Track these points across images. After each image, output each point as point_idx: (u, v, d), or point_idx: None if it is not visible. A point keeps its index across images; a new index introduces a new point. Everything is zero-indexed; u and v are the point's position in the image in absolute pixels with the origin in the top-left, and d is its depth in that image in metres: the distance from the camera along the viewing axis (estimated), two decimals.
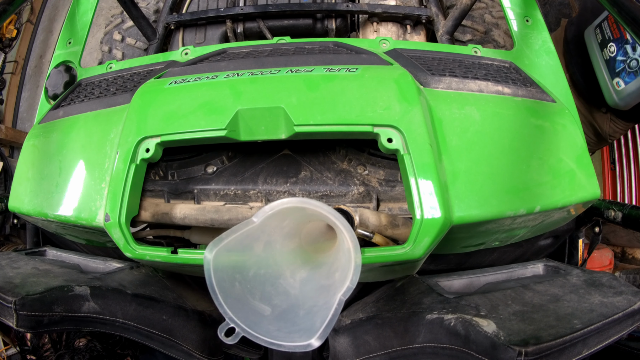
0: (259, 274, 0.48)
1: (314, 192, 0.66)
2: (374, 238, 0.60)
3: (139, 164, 0.63)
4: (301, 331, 0.41)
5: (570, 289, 0.56)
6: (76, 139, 0.74)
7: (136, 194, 0.64)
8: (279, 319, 0.45)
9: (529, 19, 0.89)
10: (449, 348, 0.51)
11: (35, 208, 0.73)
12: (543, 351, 0.43)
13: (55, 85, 0.92)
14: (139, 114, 0.67)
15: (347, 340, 0.61)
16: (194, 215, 0.64)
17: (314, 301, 0.46)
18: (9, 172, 1.93)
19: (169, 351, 0.65)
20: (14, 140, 2.15)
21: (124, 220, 0.61)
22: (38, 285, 0.58)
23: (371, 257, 0.55)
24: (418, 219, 0.54)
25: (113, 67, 0.92)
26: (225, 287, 0.43)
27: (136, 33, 1.39)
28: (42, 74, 2.41)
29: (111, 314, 0.61)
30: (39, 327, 0.56)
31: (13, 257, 0.74)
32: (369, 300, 0.66)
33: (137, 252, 0.62)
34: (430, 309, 0.55)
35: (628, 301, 0.50)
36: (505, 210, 0.59)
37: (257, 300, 0.46)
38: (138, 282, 0.67)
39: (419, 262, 0.60)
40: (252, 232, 0.45)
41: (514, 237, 0.71)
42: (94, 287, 0.60)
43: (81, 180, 0.70)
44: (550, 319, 0.48)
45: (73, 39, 1.00)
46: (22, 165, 0.79)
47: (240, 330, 0.40)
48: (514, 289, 0.57)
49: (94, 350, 0.87)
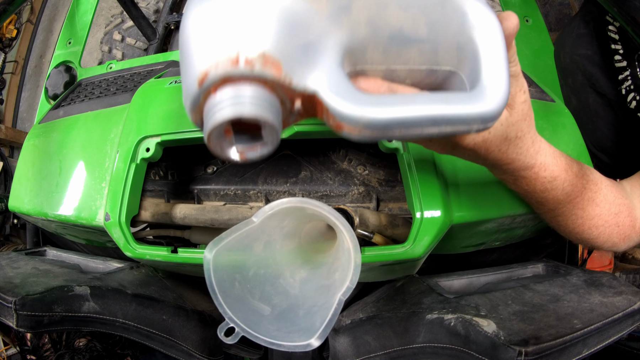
0: (258, 273, 0.48)
1: (314, 192, 0.66)
2: (374, 238, 0.60)
3: (139, 164, 0.63)
4: (301, 331, 0.41)
5: (570, 289, 0.56)
6: (76, 138, 0.74)
7: (136, 193, 0.64)
8: (278, 318, 0.45)
9: (528, 19, 0.90)
10: (449, 348, 0.51)
11: (35, 207, 0.73)
12: (543, 351, 0.43)
13: (55, 85, 0.92)
14: (139, 114, 0.67)
15: (347, 340, 0.61)
16: (194, 215, 0.64)
17: (314, 301, 0.46)
18: (9, 172, 1.93)
19: (169, 351, 0.65)
20: (14, 140, 2.15)
21: (124, 220, 0.61)
22: (38, 285, 0.58)
23: (371, 256, 0.56)
24: (418, 218, 0.54)
25: (113, 67, 0.92)
26: (225, 287, 0.43)
27: (136, 33, 1.39)
28: (42, 74, 2.41)
29: (111, 314, 0.61)
30: (39, 327, 0.55)
31: (13, 257, 0.74)
32: (369, 300, 0.66)
33: (137, 252, 0.62)
34: (430, 309, 0.55)
35: (628, 301, 0.50)
36: (505, 210, 0.60)
37: (257, 300, 0.46)
38: (138, 282, 0.67)
39: (419, 262, 0.60)
40: (252, 232, 0.45)
41: (514, 237, 0.71)
42: (94, 287, 0.60)
43: (81, 179, 0.70)
44: (550, 318, 0.48)
45: (73, 39, 1.00)
46: (22, 164, 0.79)
47: (240, 330, 0.40)
48: (514, 289, 0.57)
49: (94, 350, 0.87)
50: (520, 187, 0.49)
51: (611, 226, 0.53)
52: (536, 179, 0.46)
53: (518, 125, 0.40)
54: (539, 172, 0.46)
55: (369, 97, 0.28)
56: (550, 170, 0.46)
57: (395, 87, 0.32)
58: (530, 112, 0.41)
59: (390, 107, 0.28)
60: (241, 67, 0.26)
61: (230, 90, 0.26)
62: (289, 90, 0.28)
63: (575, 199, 0.50)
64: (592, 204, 0.51)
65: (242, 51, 0.26)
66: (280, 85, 0.27)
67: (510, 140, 0.41)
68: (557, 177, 0.47)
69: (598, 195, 0.51)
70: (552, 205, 0.50)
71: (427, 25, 0.29)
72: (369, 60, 0.31)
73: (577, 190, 0.49)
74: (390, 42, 0.30)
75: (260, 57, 0.26)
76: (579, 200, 0.50)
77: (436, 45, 0.31)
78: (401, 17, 0.29)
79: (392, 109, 0.28)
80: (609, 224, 0.53)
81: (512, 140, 0.41)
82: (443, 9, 0.29)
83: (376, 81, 0.32)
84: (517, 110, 0.40)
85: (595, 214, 0.52)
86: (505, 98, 0.30)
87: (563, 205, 0.50)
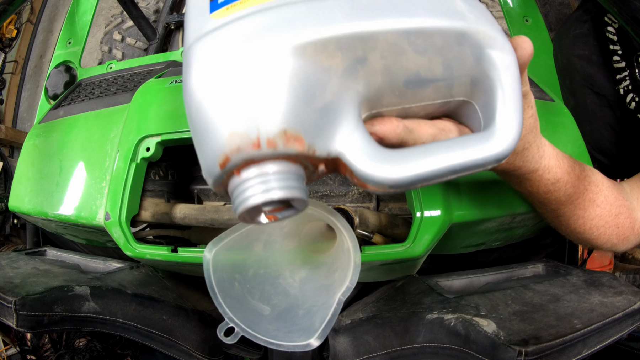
0: (258, 273, 0.48)
1: (314, 192, 0.66)
2: (374, 238, 0.60)
3: (140, 163, 0.63)
4: (300, 331, 0.41)
5: (570, 288, 0.56)
6: (76, 138, 0.74)
7: (136, 192, 0.64)
8: (278, 318, 0.45)
9: (528, 18, 0.90)
10: (449, 348, 0.51)
11: (35, 207, 0.73)
12: (543, 351, 0.43)
13: (55, 85, 0.92)
14: (140, 113, 0.67)
15: (347, 340, 0.61)
16: (194, 215, 0.64)
17: (313, 301, 0.46)
18: (9, 172, 1.93)
19: (169, 351, 0.65)
20: (14, 140, 2.15)
21: (124, 219, 0.61)
22: (38, 285, 0.58)
23: (371, 254, 0.56)
24: (418, 217, 0.54)
25: (113, 67, 0.92)
26: (225, 286, 0.43)
27: (136, 33, 1.39)
28: (42, 74, 2.41)
29: (111, 314, 0.61)
30: (39, 327, 0.55)
31: (13, 257, 0.74)
32: (369, 300, 0.66)
33: (137, 251, 0.62)
34: (430, 308, 0.55)
35: (628, 301, 0.50)
36: (506, 209, 0.60)
37: (257, 300, 0.46)
38: (138, 282, 0.67)
39: (419, 261, 0.60)
40: (252, 231, 0.45)
41: (514, 237, 0.71)
42: (94, 287, 0.60)
43: (81, 179, 0.70)
44: (550, 318, 0.48)
45: (73, 39, 1.00)
46: (22, 164, 0.79)
47: (240, 330, 0.40)
48: (514, 289, 0.57)
49: (94, 350, 0.87)
50: (523, 188, 0.49)
51: (611, 227, 0.53)
52: (540, 180, 0.47)
53: (525, 139, 0.41)
54: (543, 175, 0.46)
55: (390, 156, 0.27)
56: (554, 172, 0.46)
57: (411, 125, 0.32)
58: (537, 123, 0.42)
59: (412, 164, 0.27)
60: (264, 150, 0.25)
61: (255, 170, 0.26)
62: (312, 158, 0.27)
63: (577, 200, 0.50)
64: (593, 205, 0.51)
65: (262, 132, 0.24)
66: (304, 156, 0.27)
67: (517, 153, 0.42)
68: (560, 179, 0.47)
69: (599, 196, 0.52)
70: (554, 205, 0.51)
71: (444, 65, 0.29)
72: (385, 104, 0.30)
73: (579, 191, 0.49)
74: (406, 86, 0.29)
75: (282, 135, 0.25)
76: (580, 201, 0.50)
77: (452, 81, 0.30)
78: (417, 61, 0.28)
79: (414, 165, 0.27)
80: (609, 225, 0.53)
81: (519, 152, 0.42)
82: (460, 45, 0.28)
83: (392, 122, 0.31)
84: (525, 126, 0.40)
85: (596, 215, 0.52)
86: (518, 137, 0.30)
87: (565, 205, 0.50)
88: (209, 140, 0.26)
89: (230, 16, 0.27)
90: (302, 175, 0.28)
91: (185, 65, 0.27)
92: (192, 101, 0.26)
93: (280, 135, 0.25)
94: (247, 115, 0.25)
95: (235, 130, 0.25)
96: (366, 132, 0.28)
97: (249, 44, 0.25)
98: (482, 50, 0.29)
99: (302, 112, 0.26)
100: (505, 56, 0.29)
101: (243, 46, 0.25)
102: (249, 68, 0.25)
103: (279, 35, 0.25)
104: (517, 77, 0.30)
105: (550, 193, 0.48)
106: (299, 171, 0.27)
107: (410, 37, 0.27)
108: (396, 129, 0.31)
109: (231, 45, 0.25)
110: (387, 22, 0.26)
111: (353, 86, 0.27)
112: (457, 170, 0.28)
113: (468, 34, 0.28)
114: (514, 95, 0.30)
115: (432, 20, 0.27)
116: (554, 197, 0.49)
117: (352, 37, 0.26)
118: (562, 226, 0.55)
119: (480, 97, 0.31)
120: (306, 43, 0.25)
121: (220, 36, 0.26)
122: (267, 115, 0.25)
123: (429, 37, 0.27)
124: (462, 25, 0.28)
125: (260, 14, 0.26)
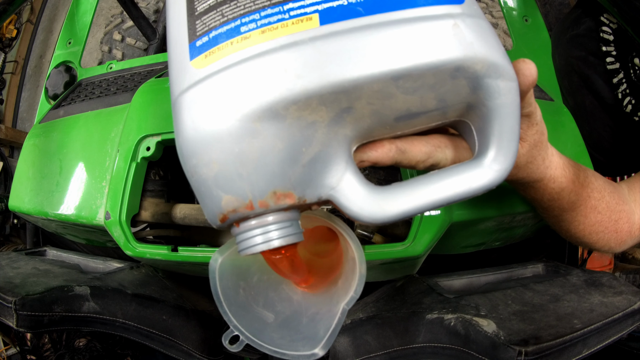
0: (262, 279, 0.48)
1: None
2: (374, 238, 0.60)
3: (140, 163, 0.63)
4: (305, 339, 0.40)
5: (570, 288, 0.56)
6: (77, 138, 0.74)
7: (137, 192, 0.64)
8: (282, 326, 0.44)
9: (528, 18, 0.90)
10: (449, 348, 0.51)
11: (35, 207, 0.73)
12: (543, 351, 0.43)
13: (55, 85, 0.92)
14: (140, 113, 0.67)
15: (347, 340, 0.61)
16: (194, 215, 0.64)
17: (317, 308, 0.46)
18: (9, 172, 1.93)
19: (169, 351, 0.65)
20: (14, 140, 2.15)
21: (124, 218, 0.61)
22: (38, 285, 0.58)
23: (371, 253, 0.56)
24: (417, 216, 0.54)
25: (113, 67, 0.92)
26: (230, 294, 0.42)
27: (136, 33, 1.39)
28: (42, 74, 2.41)
29: (111, 314, 0.61)
30: (39, 327, 0.55)
31: (13, 257, 0.74)
32: (369, 300, 0.66)
33: (137, 250, 0.62)
34: (430, 308, 0.55)
35: (628, 301, 0.50)
36: (505, 208, 0.60)
37: (261, 307, 0.45)
38: (138, 282, 0.67)
39: (419, 260, 0.60)
40: None
41: (514, 237, 0.71)
42: (94, 287, 0.60)
43: (82, 179, 0.70)
44: (550, 318, 0.48)
45: (73, 39, 1.00)
46: (23, 164, 0.79)
47: (245, 339, 0.40)
48: (514, 289, 0.57)
49: (94, 350, 0.87)
50: (528, 195, 0.49)
51: (610, 232, 0.54)
52: (544, 189, 0.47)
53: (529, 154, 0.41)
54: (548, 184, 0.46)
55: (380, 194, 0.28)
56: (559, 182, 0.46)
57: (403, 146, 0.31)
58: (542, 137, 0.41)
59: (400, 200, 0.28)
60: (257, 210, 0.27)
61: (254, 222, 0.28)
62: (304, 206, 0.29)
63: (579, 207, 0.50)
64: (594, 211, 0.52)
65: (254, 196, 0.26)
66: (296, 206, 0.28)
67: (520, 166, 0.42)
68: (564, 188, 0.47)
69: (601, 203, 0.52)
70: (557, 212, 0.51)
71: (437, 99, 0.27)
72: (376, 136, 0.30)
73: (582, 199, 0.50)
74: (397, 121, 0.28)
75: (272, 196, 0.27)
76: (582, 209, 0.51)
77: (446, 110, 0.28)
78: (407, 101, 0.27)
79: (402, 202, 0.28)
80: (608, 230, 0.54)
81: (522, 166, 0.42)
82: (454, 79, 0.26)
83: (383, 146, 0.30)
84: (529, 141, 0.40)
85: (597, 221, 0.53)
86: (510, 167, 0.29)
87: (567, 212, 0.51)
88: (207, 199, 0.28)
89: (209, 67, 0.26)
90: (297, 218, 0.30)
91: (174, 122, 0.28)
92: (186, 163, 0.28)
93: (271, 196, 0.27)
94: (236, 183, 0.26)
95: (228, 195, 0.27)
96: (356, 170, 0.29)
97: (227, 112, 0.25)
98: (480, 80, 0.26)
99: (289, 172, 0.26)
100: (505, 84, 0.27)
101: (221, 114, 0.25)
102: (230, 137, 0.25)
103: (258, 100, 0.25)
104: (517, 105, 0.28)
105: (554, 201, 0.49)
106: (294, 216, 0.29)
107: (399, 82, 0.25)
108: (388, 152, 0.31)
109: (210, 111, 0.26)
110: (370, 69, 0.25)
111: (341, 131, 0.27)
112: (445, 202, 0.29)
113: (464, 67, 0.25)
114: (510, 125, 0.28)
115: (422, 57, 0.25)
116: (557, 204, 0.49)
117: (334, 91, 0.25)
118: (562, 230, 0.55)
119: (476, 121, 0.30)
120: (287, 104, 0.25)
121: (200, 96, 0.26)
122: (255, 181, 0.26)
123: (419, 78, 0.25)
124: (456, 56, 0.25)
125: (237, 68, 0.25)
